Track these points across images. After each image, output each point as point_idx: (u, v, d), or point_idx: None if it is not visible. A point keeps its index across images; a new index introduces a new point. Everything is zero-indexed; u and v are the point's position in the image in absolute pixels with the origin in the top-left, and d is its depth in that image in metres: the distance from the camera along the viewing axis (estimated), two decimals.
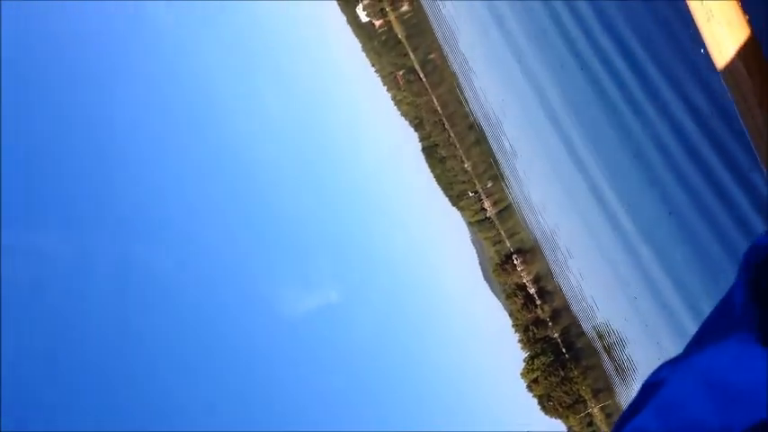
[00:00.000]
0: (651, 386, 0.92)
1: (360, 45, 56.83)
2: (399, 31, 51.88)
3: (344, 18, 56.34)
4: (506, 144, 30.87)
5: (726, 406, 0.78)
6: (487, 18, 19.64)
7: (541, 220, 32.02)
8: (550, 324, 52.41)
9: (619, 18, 8.97)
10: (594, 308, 30.49)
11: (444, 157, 55.86)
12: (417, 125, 57.34)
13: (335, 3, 56.51)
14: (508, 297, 55.32)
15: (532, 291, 52.99)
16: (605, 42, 9.65)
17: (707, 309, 1.01)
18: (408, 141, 61.31)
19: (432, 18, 40.12)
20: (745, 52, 2.32)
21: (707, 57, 2.44)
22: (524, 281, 53.50)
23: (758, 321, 0.84)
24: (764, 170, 2.52)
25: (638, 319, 19.08)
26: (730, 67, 2.35)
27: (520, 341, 56.05)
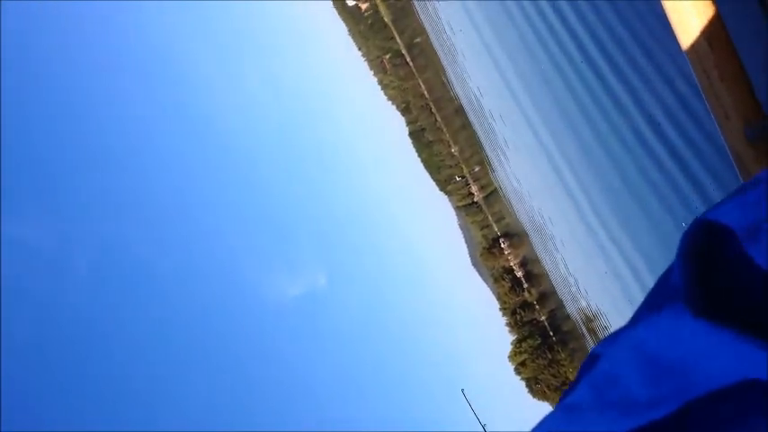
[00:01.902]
0: (586, 363, 0.87)
1: (346, 29, 56.51)
2: (385, 15, 51.53)
3: (331, 1, 55.96)
4: (492, 128, 30.82)
5: (656, 379, 0.75)
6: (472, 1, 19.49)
7: (527, 205, 32.06)
8: (537, 307, 52.72)
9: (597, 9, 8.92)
10: (579, 291, 30.63)
11: (431, 142, 55.77)
12: (404, 109, 57.18)
13: None
14: (496, 281, 55.57)
15: (520, 274, 53.23)
16: (587, 29, 9.60)
17: None
18: (395, 126, 61.23)
19: (416, 1, 39.88)
20: (707, 26, 2.28)
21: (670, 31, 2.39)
22: (511, 264, 53.72)
23: (690, 291, 0.79)
24: (727, 147, 2.48)
25: (623, 303, 19.21)
26: (693, 41, 2.32)
27: (507, 324, 56.42)
